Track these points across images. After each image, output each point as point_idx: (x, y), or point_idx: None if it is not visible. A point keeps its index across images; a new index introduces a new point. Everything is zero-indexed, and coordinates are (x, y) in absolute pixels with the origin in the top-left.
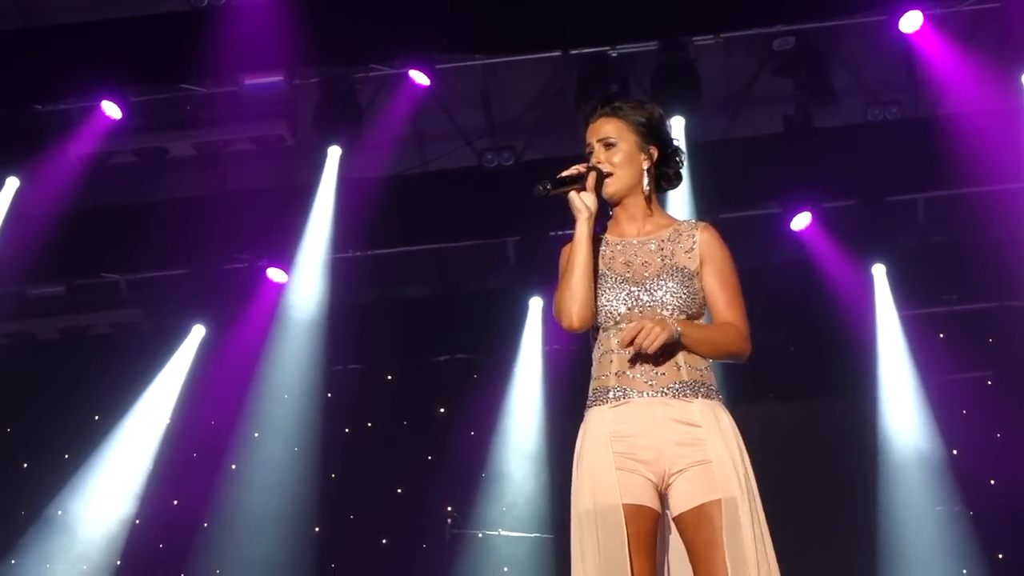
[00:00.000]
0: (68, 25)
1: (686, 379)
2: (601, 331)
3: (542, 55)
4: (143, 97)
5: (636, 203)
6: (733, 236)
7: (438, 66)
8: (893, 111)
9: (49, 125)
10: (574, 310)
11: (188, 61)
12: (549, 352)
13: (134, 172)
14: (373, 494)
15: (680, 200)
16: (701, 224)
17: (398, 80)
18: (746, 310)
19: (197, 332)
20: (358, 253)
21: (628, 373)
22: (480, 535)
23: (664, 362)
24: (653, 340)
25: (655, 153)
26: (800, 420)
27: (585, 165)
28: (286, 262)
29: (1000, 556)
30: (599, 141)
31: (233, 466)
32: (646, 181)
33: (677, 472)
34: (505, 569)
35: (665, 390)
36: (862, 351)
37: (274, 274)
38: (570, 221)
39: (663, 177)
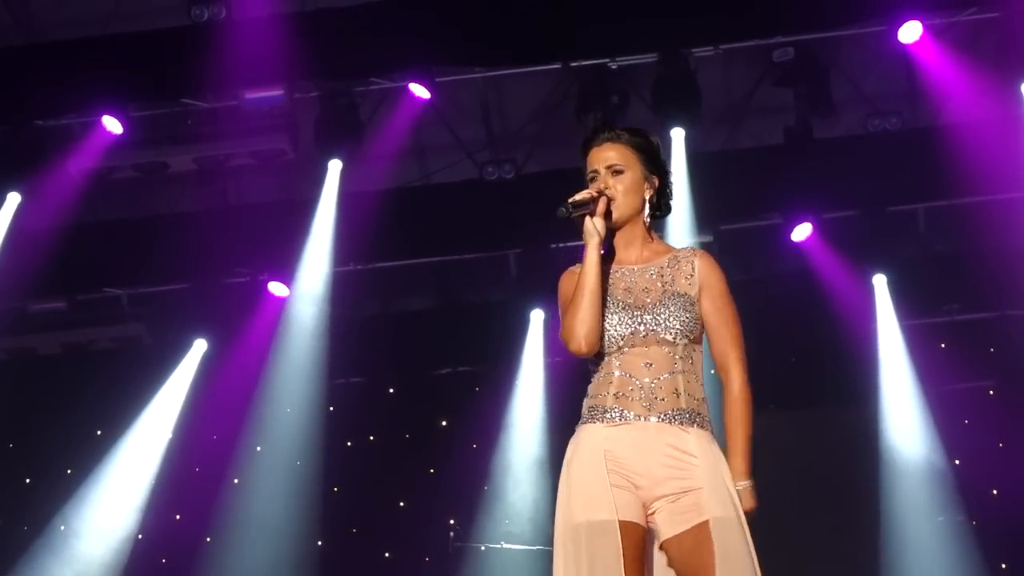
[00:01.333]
0: (69, 41)
1: (684, 407)
2: (604, 355)
3: (542, 67)
4: (144, 112)
5: (635, 230)
6: (734, 247)
7: (438, 79)
8: (893, 121)
9: (50, 140)
10: (582, 333)
11: (189, 76)
12: (551, 364)
13: (135, 187)
14: (376, 507)
15: (681, 211)
16: (698, 251)
17: (398, 93)
18: (742, 335)
19: (199, 346)
20: (359, 266)
21: (627, 395)
22: (483, 548)
23: (664, 389)
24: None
25: (657, 182)
26: (802, 430)
27: (596, 190)
28: (287, 276)
29: (1003, 566)
30: (607, 168)
31: (235, 480)
32: (647, 210)
33: (663, 498)
34: None
35: (662, 416)
36: (863, 361)
37: (275, 288)
38: (571, 234)
39: (656, 207)
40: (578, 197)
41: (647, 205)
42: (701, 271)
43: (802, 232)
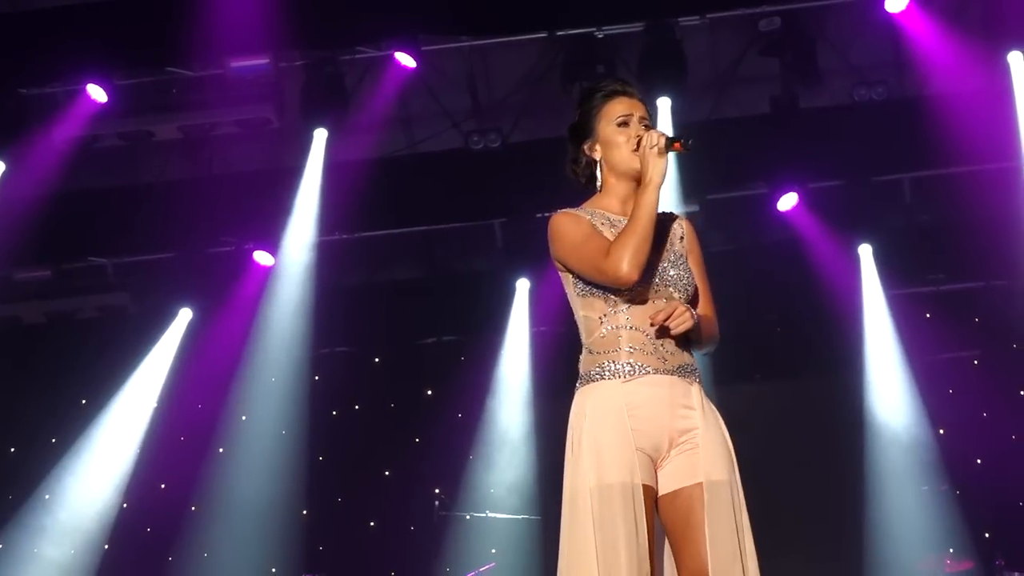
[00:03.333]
0: (53, 8)
1: (688, 362)
2: (609, 307)
3: (528, 37)
4: (129, 80)
5: (633, 187)
6: (720, 217)
7: (424, 48)
8: (879, 91)
9: (34, 109)
10: (638, 263)
11: (174, 44)
12: (536, 334)
13: (120, 156)
14: (361, 477)
15: (667, 181)
16: (678, 215)
17: (384, 62)
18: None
19: (184, 316)
20: (345, 236)
21: (641, 349)
22: (468, 517)
23: (674, 343)
24: (682, 323)
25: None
26: (787, 400)
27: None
28: (273, 245)
29: (986, 535)
30: (640, 119)
31: (220, 449)
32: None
33: (669, 453)
34: (493, 550)
35: (675, 370)
36: (849, 331)
37: (261, 257)
38: (557, 202)
39: None
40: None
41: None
42: (689, 236)
43: (788, 202)
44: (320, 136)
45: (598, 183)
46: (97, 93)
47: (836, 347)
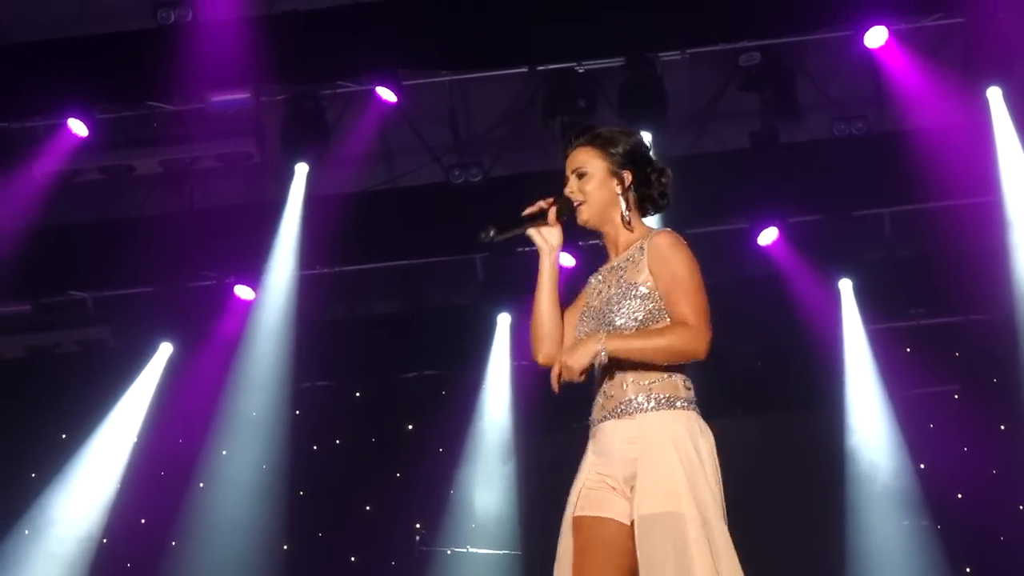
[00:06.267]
0: (34, 43)
1: (631, 397)
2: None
3: (509, 71)
4: (109, 114)
5: (615, 229)
6: (699, 252)
7: (405, 82)
8: (859, 126)
9: (15, 142)
10: (538, 348)
11: (154, 78)
12: (517, 368)
13: (101, 190)
14: (342, 511)
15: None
16: (652, 233)
17: (365, 97)
18: (705, 304)
19: (164, 350)
20: (326, 270)
21: (595, 401)
22: (449, 552)
23: (613, 383)
24: (570, 369)
25: (628, 177)
26: (767, 435)
27: (548, 200)
28: (254, 279)
29: (967, 570)
30: (573, 171)
31: (201, 484)
32: (623, 205)
33: (631, 492)
34: None
35: (613, 412)
36: (829, 365)
37: (242, 291)
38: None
39: (647, 199)
40: (528, 211)
41: (621, 200)
42: (648, 253)
43: (768, 236)
44: (301, 170)
45: None
46: (78, 127)
47: (816, 381)
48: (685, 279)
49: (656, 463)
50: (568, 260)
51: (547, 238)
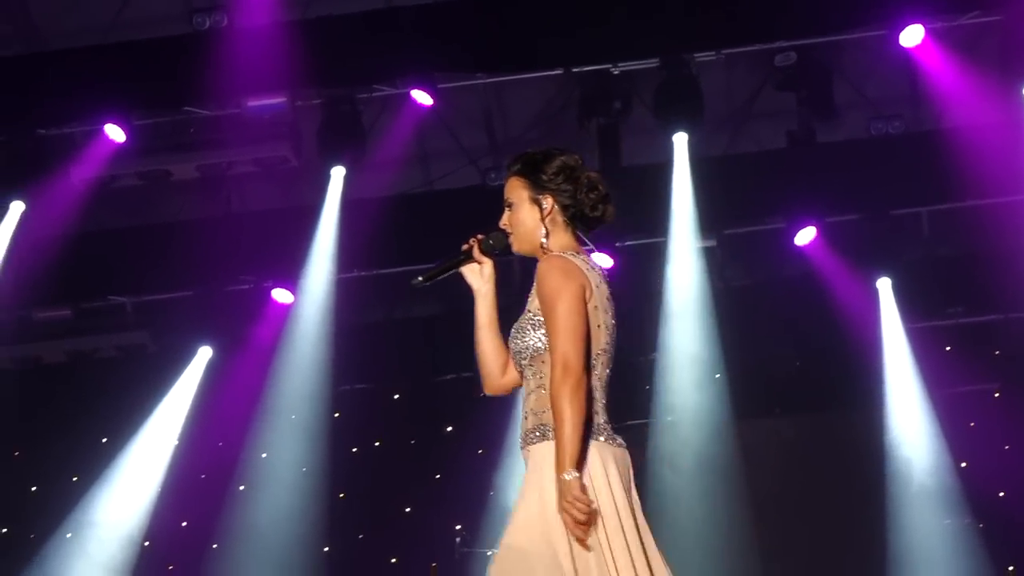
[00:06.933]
0: (71, 50)
1: (529, 427)
2: None
3: (544, 73)
4: (146, 120)
5: (541, 255)
6: (738, 251)
7: (441, 85)
8: (896, 125)
9: (53, 149)
10: (485, 383)
11: (191, 84)
12: None
13: (138, 195)
14: (382, 513)
15: (684, 216)
16: (544, 257)
17: (401, 100)
18: (569, 342)
19: (204, 354)
20: (363, 273)
21: None
22: (489, 553)
23: (522, 414)
24: (582, 512)
25: (549, 202)
26: (807, 434)
27: (476, 237)
28: (292, 283)
29: (1010, 568)
30: (504, 202)
31: (241, 487)
32: (542, 232)
33: None
34: None
35: (520, 442)
36: (869, 365)
37: (280, 295)
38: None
39: (577, 217)
40: (464, 249)
41: (542, 227)
42: (536, 280)
43: (806, 236)
44: (338, 174)
45: None
46: (115, 133)
47: (856, 381)
48: (551, 313)
49: (525, 494)
50: (606, 261)
51: (478, 275)
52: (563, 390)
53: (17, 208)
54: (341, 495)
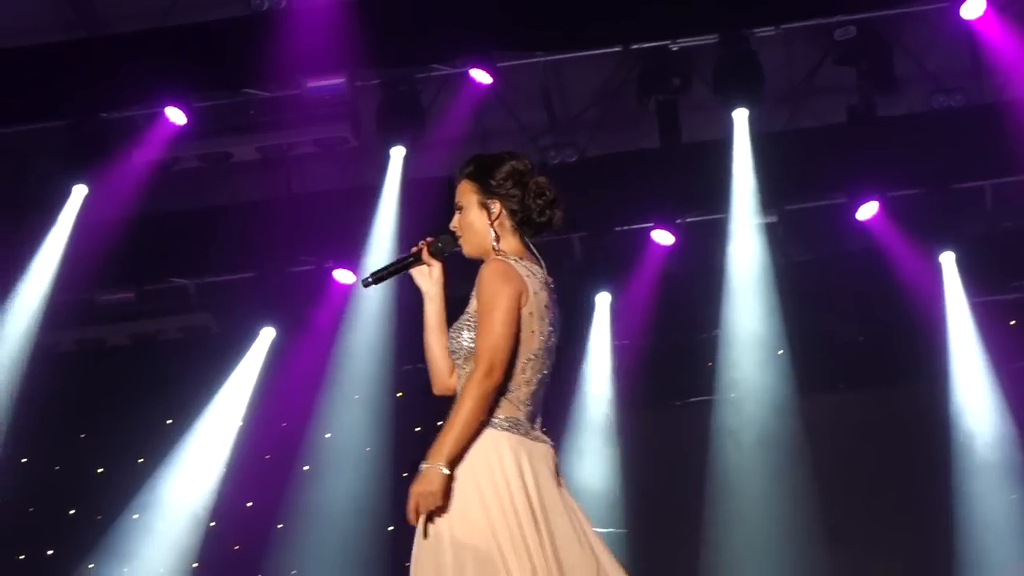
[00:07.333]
0: (130, 33)
1: None
2: None
3: (603, 51)
4: (206, 102)
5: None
6: (799, 227)
7: (499, 64)
8: (957, 98)
9: (114, 133)
10: (434, 383)
11: (250, 65)
12: (617, 347)
13: (199, 177)
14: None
15: (745, 192)
16: (488, 260)
17: (459, 79)
18: (494, 340)
19: (266, 334)
20: None
21: None
22: None
23: None
24: (429, 502)
25: (496, 206)
26: (871, 410)
27: (426, 240)
28: (353, 263)
29: None
30: (456, 206)
31: (306, 467)
32: (491, 236)
33: None
34: None
35: None
36: (932, 340)
37: (341, 275)
38: (634, 215)
39: (526, 222)
40: (412, 251)
41: (491, 231)
42: (476, 284)
43: (868, 211)
44: (397, 154)
45: None
46: (176, 116)
47: (920, 356)
48: (486, 316)
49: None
50: (667, 239)
51: (427, 278)
52: (476, 390)
53: (80, 192)
54: (404, 474)
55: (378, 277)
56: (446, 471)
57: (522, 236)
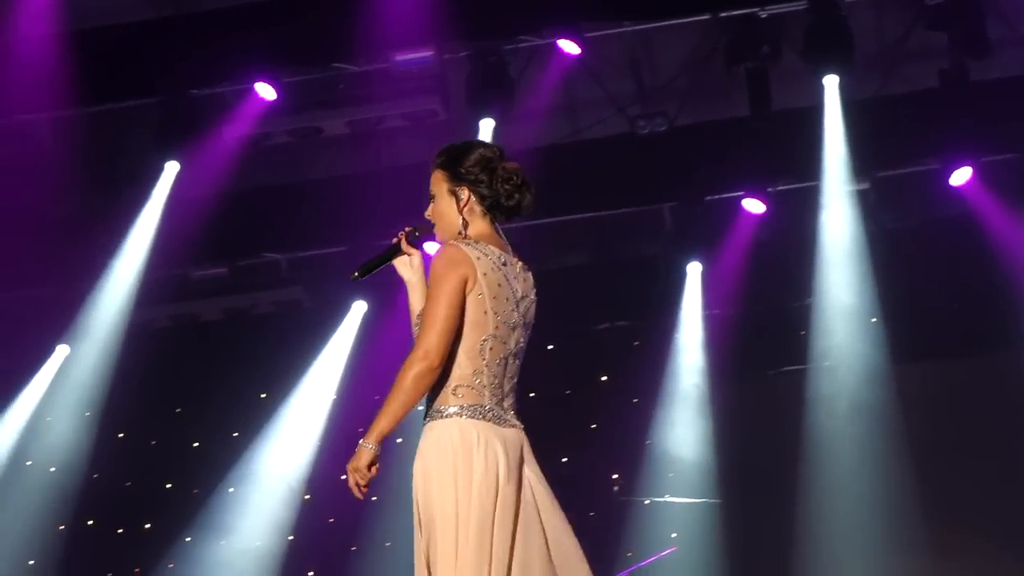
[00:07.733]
0: (219, 9)
1: (423, 408)
2: None
3: (691, 19)
4: (296, 77)
5: None
6: (892, 194)
7: (587, 34)
8: None
9: (205, 109)
10: None
11: (339, 40)
12: (709, 317)
13: (290, 152)
14: (538, 464)
15: (836, 159)
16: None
17: (548, 50)
18: (433, 321)
19: (358, 308)
20: (514, 224)
21: None
22: (647, 502)
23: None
24: (358, 477)
25: (466, 193)
26: (963, 379)
27: (406, 230)
28: None
29: None
30: (429, 195)
31: (399, 440)
32: (459, 222)
33: None
34: (673, 535)
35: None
36: None
37: (432, 249)
38: (726, 184)
39: (496, 208)
40: (392, 246)
41: (460, 218)
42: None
43: (961, 176)
44: (487, 126)
45: None
46: (266, 91)
47: (1014, 323)
48: (430, 299)
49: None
50: (758, 207)
51: (408, 267)
52: (413, 370)
53: (172, 168)
54: None
55: (365, 270)
56: (375, 449)
57: (492, 220)
